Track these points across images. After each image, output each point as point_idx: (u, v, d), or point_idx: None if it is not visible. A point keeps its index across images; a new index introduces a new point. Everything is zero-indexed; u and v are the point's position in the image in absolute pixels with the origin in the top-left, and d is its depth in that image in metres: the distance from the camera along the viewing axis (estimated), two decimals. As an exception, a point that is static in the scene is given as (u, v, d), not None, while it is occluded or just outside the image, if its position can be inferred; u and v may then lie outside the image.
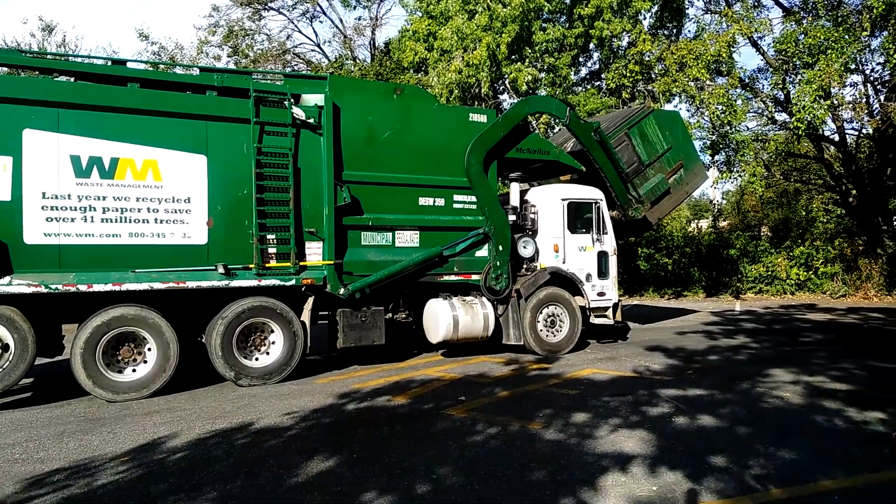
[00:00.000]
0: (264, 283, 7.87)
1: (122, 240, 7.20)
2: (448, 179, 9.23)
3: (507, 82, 21.26)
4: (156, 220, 7.36)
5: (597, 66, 24.54)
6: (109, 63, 7.66)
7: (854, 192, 22.63)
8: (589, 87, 24.41)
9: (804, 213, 24.59)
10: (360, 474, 4.58)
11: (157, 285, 7.28)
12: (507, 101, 24.28)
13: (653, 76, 20.89)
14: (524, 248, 9.91)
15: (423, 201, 9.07)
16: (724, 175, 21.45)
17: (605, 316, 10.41)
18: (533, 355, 9.58)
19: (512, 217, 9.74)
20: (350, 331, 8.52)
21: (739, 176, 21.39)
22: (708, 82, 19.68)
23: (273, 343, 8.03)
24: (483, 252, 9.57)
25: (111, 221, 7.15)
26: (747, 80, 21.73)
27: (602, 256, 10.34)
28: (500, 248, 9.49)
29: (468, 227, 9.39)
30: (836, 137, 21.93)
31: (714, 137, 20.59)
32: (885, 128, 19.64)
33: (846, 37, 16.77)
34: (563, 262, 10.08)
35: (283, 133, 7.98)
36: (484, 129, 9.39)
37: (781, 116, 21.68)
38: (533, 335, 9.61)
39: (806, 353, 9.59)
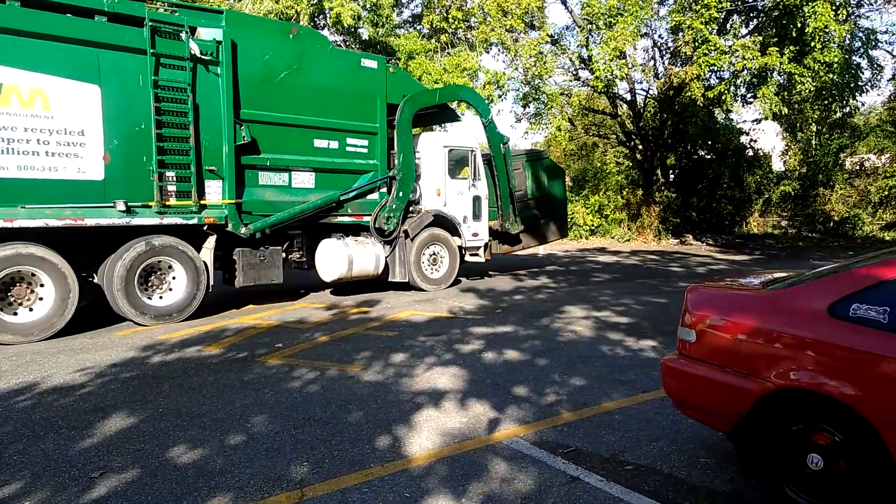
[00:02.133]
0: (166, 221, 7.70)
1: (9, 173, 6.66)
2: (341, 122, 9.49)
3: (328, 18, 20.36)
4: (47, 152, 6.76)
5: (419, 10, 24.41)
6: None
7: (640, 147, 25.40)
8: (411, 29, 24.30)
9: (600, 165, 27.15)
10: (166, 429, 4.32)
11: (53, 222, 6.85)
12: (328, 36, 23.30)
13: (472, 24, 21.32)
14: (412, 192, 10.37)
15: (318, 143, 9.24)
16: (533, 126, 22.84)
17: (478, 254, 11.40)
18: (353, 299, 9.69)
19: None
20: (250, 270, 8.60)
21: (546, 128, 22.94)
22: (522, 34, 20.58)
23: (175, 282, 7.93)
24: (374, 196, 9.96)
25: None
26: (556, 37, 23.07)
27: (476, 200, 11.15)
28: (401, 193, 10.07)
29: (359, 170, 9.80)
30: (629, 96, 24.29)
31: (527, 89, 21.75)
32: (666, 90, 22.11)
33: (640, 2, 18.42)
34: (445, 206, 10.76)
35: (180, 67, 7.57)
36: (374, 73, 9.77)
37: (584, 73, 23.44)
38: (418, 272, 10.29)
39: (596, 292, 10.78)
